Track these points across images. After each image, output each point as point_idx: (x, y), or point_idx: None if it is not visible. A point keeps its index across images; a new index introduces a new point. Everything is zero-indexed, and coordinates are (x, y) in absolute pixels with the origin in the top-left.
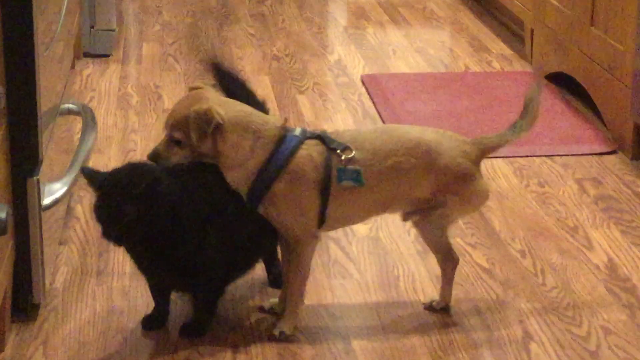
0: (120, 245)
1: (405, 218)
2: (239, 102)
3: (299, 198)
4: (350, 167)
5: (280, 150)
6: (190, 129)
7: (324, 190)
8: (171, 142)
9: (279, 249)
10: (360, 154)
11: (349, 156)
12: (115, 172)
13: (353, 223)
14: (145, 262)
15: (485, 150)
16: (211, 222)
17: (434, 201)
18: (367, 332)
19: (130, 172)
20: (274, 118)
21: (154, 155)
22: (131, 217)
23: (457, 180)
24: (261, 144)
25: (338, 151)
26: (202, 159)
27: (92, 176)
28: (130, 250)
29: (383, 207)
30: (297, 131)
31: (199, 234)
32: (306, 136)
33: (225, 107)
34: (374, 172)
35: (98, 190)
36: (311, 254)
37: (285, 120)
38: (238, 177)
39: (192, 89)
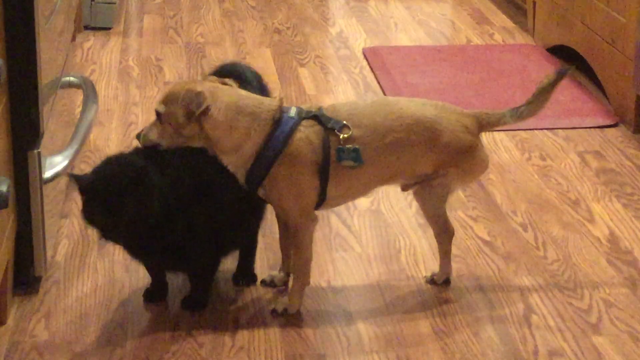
0: (121, 243)
1: (404, 188)
2: (233, 87)
3: (298, 181)
4: (349, 146)
5: (277, 133)
6: (179, 106)
7: (323, 171)
8: (156, 120)
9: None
10: (358, 131)
11: (347, 135)
12: (99, 171)
13: (353, 199)
14: (136, 250)
15: (484, 125)
16: (197, 202)
17: (435, 174)
18: (369, 306)
19: (113, 168)
20: (268, 99)
21: (138, 135)
22: (128, 212)
23: (458, 154)
24: (257, 126)
25: (335, 130)
26: (187, 143)
27: (77, 180)
28: (121, 242)
29: (383, 182)
30: (293, 112)
31: (186, 215)
32: (302, 117)
33: (218, 94)
34: (373, 149)
35: (85, 193)
36: (311, 237)
37: (281, 100)
38: (236, 161)
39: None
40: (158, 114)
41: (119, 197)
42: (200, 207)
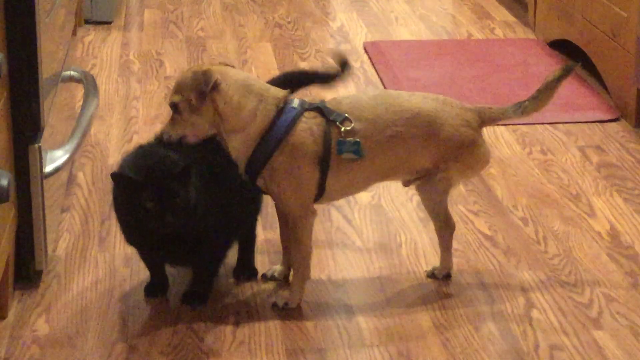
0: (177, 233)
1: (405, 184)
2: (239, 70)
3: (298, 171)
4: (349, 139)
5: (280, 122)
6: (190, 90)
7: (324, 163)
8: (172, 113)
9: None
10: (359, 124)
11: (348, 128)
12: (137, 165)
13: (353, 193)
14: (153, 243)
15: (486, 120)
16: (209, 194)
17: (436, 169)
18: (370, 302)
19: (154, 160)
20: (275, 87)
21: (159, 134)
22: (183, 198)
23: (459, 148)
24: (263, 108)
25: (337, 123)
26: (204, 131)
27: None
28: (141, 232)
29: (383, 177)
30: (296, 103)
31: (203, 207)
32: (305, 108)
33: (227, 72)
34: (373, 142)
35: (137, 187)
36: (310, 230)
37: (288, 92)
38: (240, 145)
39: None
40: (174, 105)
41: (173, 181)
42: (214, 198)
